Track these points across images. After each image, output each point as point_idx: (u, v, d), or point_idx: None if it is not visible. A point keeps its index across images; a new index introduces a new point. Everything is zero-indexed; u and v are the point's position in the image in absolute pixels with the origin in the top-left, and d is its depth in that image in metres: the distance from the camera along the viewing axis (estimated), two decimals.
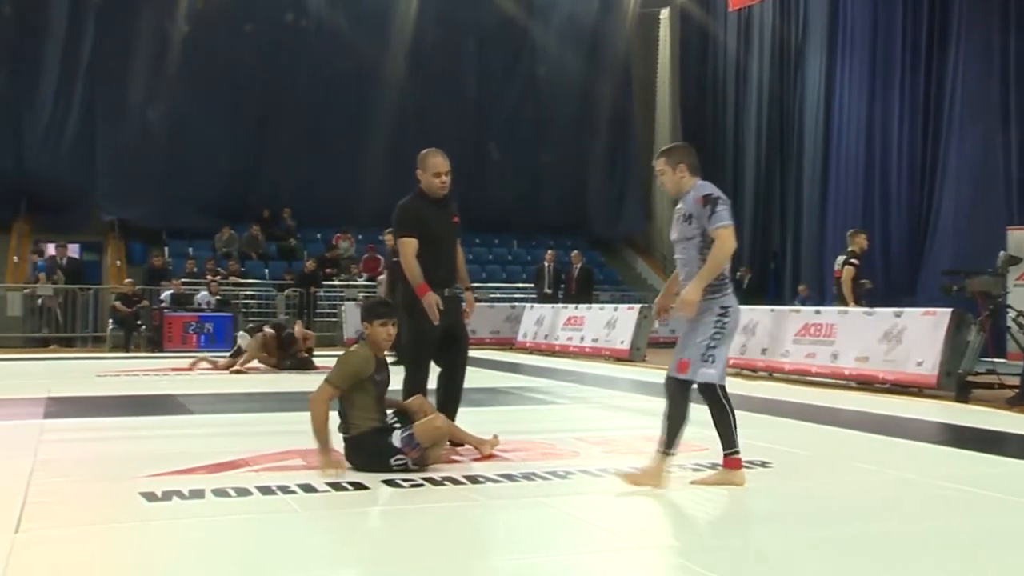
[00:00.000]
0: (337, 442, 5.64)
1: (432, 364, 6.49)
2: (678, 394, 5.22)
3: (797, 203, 25.33)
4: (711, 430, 5.28)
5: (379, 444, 5.55)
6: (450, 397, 6.56)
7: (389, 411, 5.83)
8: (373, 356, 5.63)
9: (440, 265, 6.32)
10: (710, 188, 5.18)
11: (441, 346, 6.42)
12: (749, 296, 22.00)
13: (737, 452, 5.22)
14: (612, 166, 29.19)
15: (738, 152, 27.68)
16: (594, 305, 19.09)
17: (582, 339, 17.76)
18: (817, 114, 24.59)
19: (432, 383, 6.56)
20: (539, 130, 27.95)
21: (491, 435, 6.36)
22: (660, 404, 9.60)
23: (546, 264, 21.65)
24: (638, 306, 17.21)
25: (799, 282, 23.64)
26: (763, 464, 5.94)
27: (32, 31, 23.52)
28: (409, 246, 6.29)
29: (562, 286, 21.54)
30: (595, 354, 17.06)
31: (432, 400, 6.34)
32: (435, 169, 6.37)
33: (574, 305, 19.09)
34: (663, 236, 29.35)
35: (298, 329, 14.33)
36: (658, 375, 13.34)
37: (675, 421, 5.23)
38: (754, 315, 13.63)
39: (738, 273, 24.72)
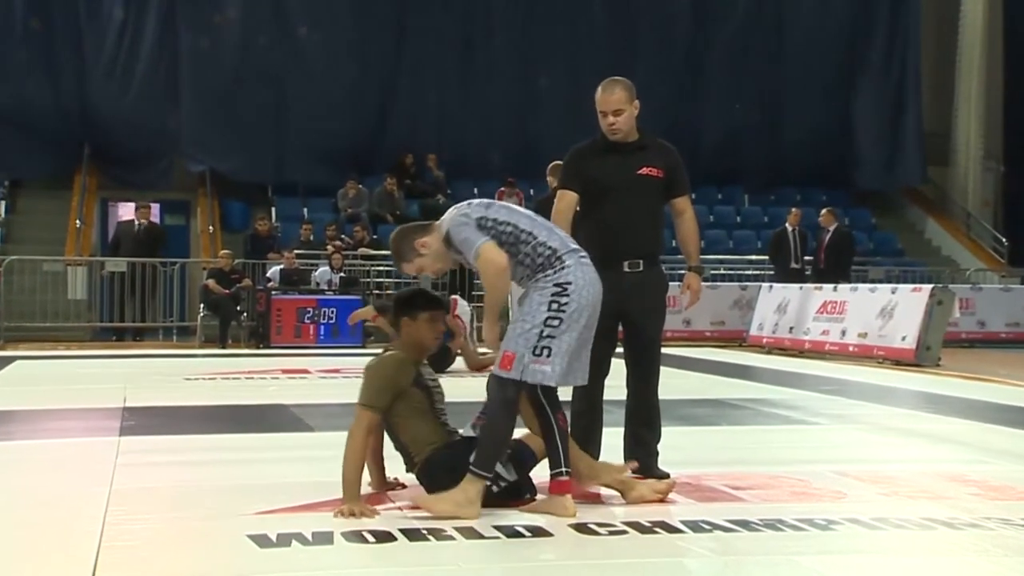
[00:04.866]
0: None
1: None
2: (498, 402, 5.51)
3: None
4: None
5: (453, 460, 5.66)
6: (638, 411, 6.65)
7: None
8: (409, 360, 5.82)
9: (609, 229, 6.52)
10: (443, 224, 5.71)
11: (625, 340, 6.66)
12: None
13: (562, 472, 5.58)
14: (892, 94, 28.44)
15: None
16: (862, 286, 18.69)
17: (843, 333, 17.45)
18: None
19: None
20: (781, 43, 27.60)
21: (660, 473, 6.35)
22: (961, 427, 9.46)
23: (789, 228, 21.36)
24: (927, 287, 16.76)
25: None
26: None
27: None
28: (561, 201, 6.64)
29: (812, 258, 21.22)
30: (863, 355, 16.74)
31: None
32: (599, 107, 6.60)
33: (832, 286, 18.75)
34: (966, 187, 28.43)
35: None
36: (956, 385, 13.10)
37: (494, 439, 5.53)
38: None
39: None
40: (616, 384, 6.69)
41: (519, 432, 5.84)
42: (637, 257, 6.54)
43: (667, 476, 6.41)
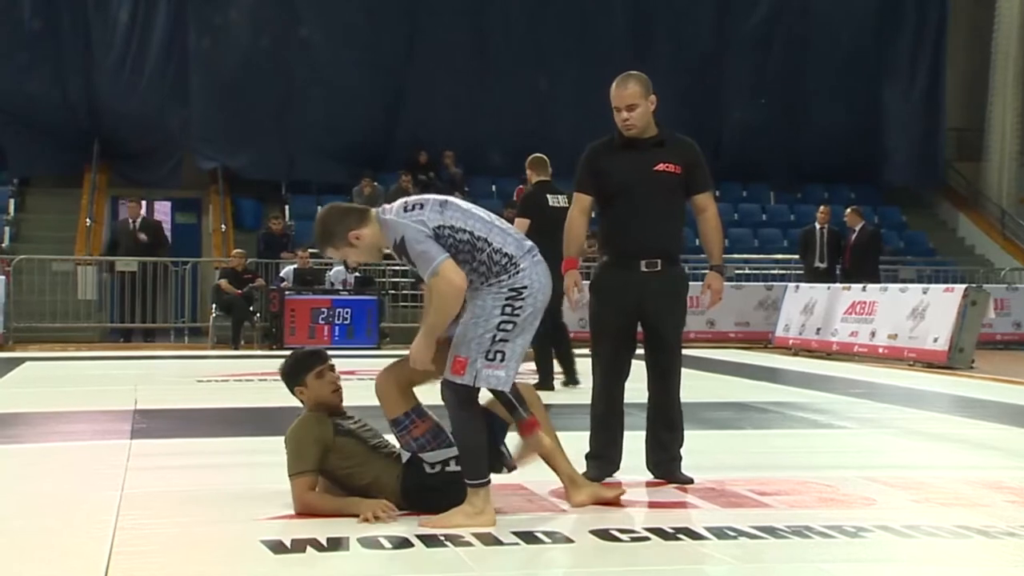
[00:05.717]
0: None
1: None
2: (457, 407, 5.49)
3: None
4: None
5: (421, 481, 5.70)
6: (659, 413, 6.68)
7: None
8: (324, 415, 5.86)
9: (624, 227, 6.54)
10: (397, 227, 5.45)
11: (644, 341, 6.67)
12: None
13: (523, 417, 5.60)
14: (921, 87, 28.32)
15: None
16: (892, 286, 18.66)
17: (873, 335, 17.42)
18: None
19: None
20: (806, 35, 27.52)
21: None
22: (996, 432, 9.43)
23: (817, 226, 21.31)
24: (960, 287, 16.72)
25: None
26: None
27: None
28: (575, 207, 6.68)
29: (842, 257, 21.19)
30: (893, 356, 16.71)
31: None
32: (613, 102, 6.59)
33: (861, 286, 18.72)
34: (1001, 183, 28.29)
35: None
36: (991, 389, 13.04)
37: (471, 445, 5.49)
38: None
39: None
40: (639, 387, 6.70)
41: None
42: (654, 256, 6.53)
43: (691, 481, 6.44)
